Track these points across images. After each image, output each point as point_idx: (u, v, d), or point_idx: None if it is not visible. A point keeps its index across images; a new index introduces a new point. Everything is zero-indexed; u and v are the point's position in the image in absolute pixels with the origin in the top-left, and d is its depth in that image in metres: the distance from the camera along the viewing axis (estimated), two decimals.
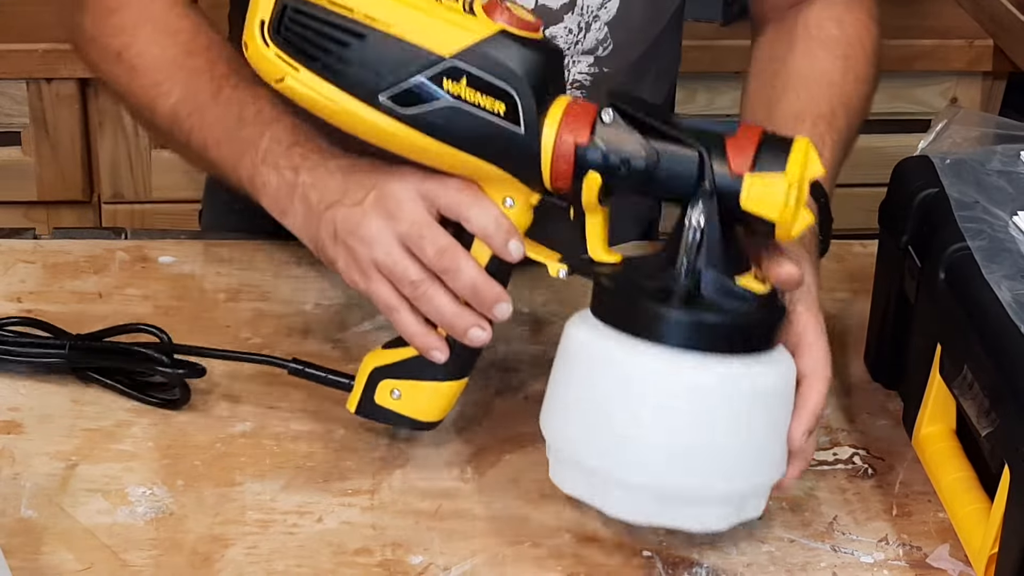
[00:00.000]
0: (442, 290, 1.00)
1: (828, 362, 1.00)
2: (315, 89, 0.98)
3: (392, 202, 1.00)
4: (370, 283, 1.02)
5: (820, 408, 0.99)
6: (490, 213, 0.99)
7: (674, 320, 0.93)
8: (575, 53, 1.26)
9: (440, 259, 0.99)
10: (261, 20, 0.98)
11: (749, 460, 0.96)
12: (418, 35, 0.95)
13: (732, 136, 0.93)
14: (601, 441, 0.95)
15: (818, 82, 1.20)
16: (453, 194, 0.99)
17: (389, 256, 1.00)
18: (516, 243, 0.99)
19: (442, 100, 0.95)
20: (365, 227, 1.01)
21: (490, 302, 1.00)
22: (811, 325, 1.00)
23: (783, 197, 0.92)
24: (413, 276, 1.00)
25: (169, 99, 1.14)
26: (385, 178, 1.01)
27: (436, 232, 1.00)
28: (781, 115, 1.17)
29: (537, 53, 0.96)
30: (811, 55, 1.23)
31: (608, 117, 0.95)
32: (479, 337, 1.01)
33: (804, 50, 1.24)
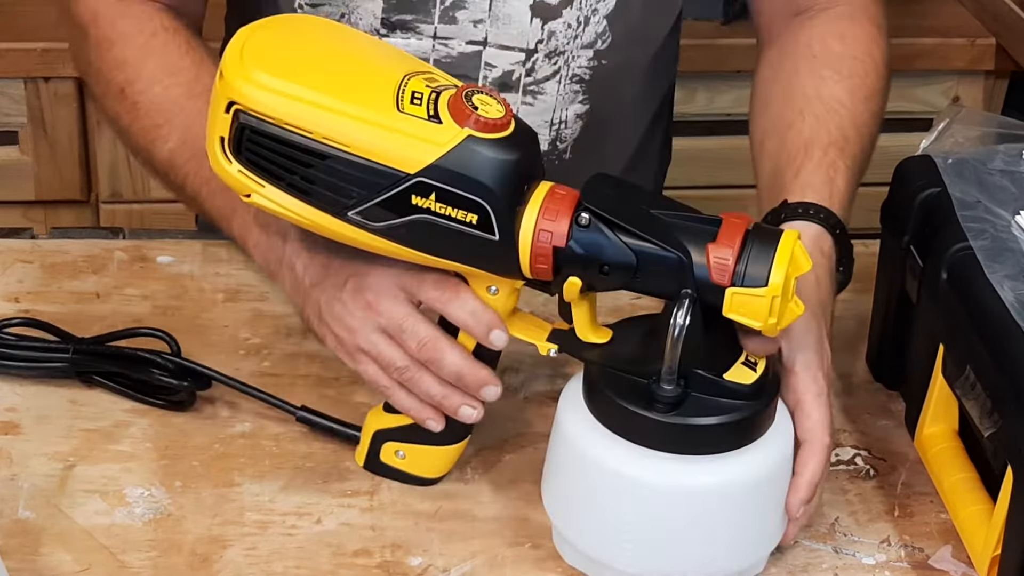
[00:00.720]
0: (428, 375, 1.01)
1: (826, 427, 0.99)
2: (283, 204, 0.95)
3: (371, 294, 1.01)
4: (358, 365, 1.03)
5: (818, 477, 0.98)
6: (467, 308, 0.98)
7: (661, 426, 0.93)
8: (575, 48, 1.26)
9: (422, 351, 1.00)
10: (221, 137, 0.95)
11: (747, 543, 0.98)
12: (380, 154, 0.92)
13: (713, 242, 0.91)
14: (598, 533, 0.97)
15: (826, 106, 1.18)
16: (430, 291, 0.99)
17: (374, 346, 1.01)
18: (498, 332, 0.99)
19: (412, 215, 0.93)
20: (348, 316, 1.02)
21: (476, 387, 1.01)
22: (809, 389, 0.99)
23: (765, 311, 0.91)
24: (399, 363, 1.01)
25: (167, 143, 1.15)
26: (365, 268, 1.01)
27: (417, 324, 1.00)
28: (791, 145, 1.16)
29: (508, 153, 0.92)
30: (817, 76, 1.21)
31: (585, 220, 0.93)
32: (470, 415, 1.02)
33: (809, 71, 1.22)
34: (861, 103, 1.20)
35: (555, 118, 1.30)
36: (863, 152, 1.18)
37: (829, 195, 1.11)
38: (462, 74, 1.26)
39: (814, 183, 1.12)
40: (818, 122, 1.17)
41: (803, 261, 0.92)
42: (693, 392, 0.93)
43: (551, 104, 1.30)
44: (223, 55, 0.95)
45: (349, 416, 1.09)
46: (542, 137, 1.30)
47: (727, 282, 0.91)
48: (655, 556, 0.96)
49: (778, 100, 1.22)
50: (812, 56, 1.23)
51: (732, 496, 0.95)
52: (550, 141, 1.31)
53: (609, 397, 0.94)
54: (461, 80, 0.95)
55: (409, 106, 0.93)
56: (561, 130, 1.31)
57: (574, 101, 1.30)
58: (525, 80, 1.28)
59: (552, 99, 1.29)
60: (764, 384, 0.95)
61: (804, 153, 1.14)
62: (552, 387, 1.15)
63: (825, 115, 1.17)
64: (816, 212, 1.09)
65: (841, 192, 1.11)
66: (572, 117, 1.31)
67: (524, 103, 1.29)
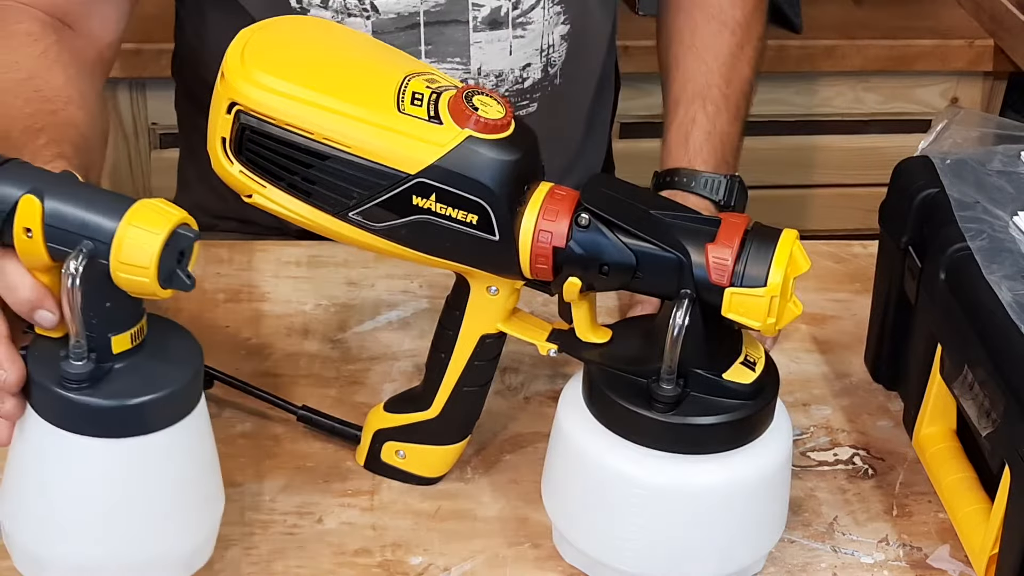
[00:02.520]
0: None
1: None
2: (284, 205, 0.96)
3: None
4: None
5: None
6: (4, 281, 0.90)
7: (661, 426, 0.93)
8: None
9: None
10: (222, 138, 0.96)
11: (746, 542, 0.98)
12: (381, 155, 0.93)
13: (712, 242, 0.91)
14: (598, 533, 0.97)
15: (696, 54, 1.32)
16: None
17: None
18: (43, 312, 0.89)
19: (412, 215, 0.94)
20: None
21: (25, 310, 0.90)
22: None
23: (764, 311, 0.91)
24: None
25: None
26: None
27: None
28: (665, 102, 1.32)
29: (508, 154, 0.93)
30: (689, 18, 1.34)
31: (585, 221, 0.93)
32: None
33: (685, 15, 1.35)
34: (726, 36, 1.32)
35: (543, 44, 1.34)
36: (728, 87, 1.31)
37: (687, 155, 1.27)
38: (452, 20, 1.29)
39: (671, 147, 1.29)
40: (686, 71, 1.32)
41: (802, 261, 0.92)
42: (692, 392, 0.93)
43: (539, 31, 1.33)
44: (224, 56, 0.95)
45: (350, 416, 1.10)
46: (535, 67, 1.34)
47: (726, 282, 0.91)
48: (655, 555, 0.96)
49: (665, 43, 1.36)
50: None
51: (731, 495, 0.95)
52: (542, 68, 1.35)
53: (609, 397, 0.94)
54: (453, 25, 0.94)
55: (410, 107, 0.93)
56: (550, 54, 1.35)
57: (558, 23, 1.34)
58: (513, 14, 1.31)
59: (539, 26, 1.33)
60: (763, 384, 0.95)
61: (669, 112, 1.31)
62: (552, 387, 1.16)
63: (693, 62, 1.32)
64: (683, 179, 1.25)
65: (698, 144, 1.26)
66: (558, 40, 1.35)
67: (516, 36, 1.32)
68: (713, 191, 1.26)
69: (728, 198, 1.26)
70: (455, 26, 1.30)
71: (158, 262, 0.84)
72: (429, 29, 1.30)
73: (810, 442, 1.13)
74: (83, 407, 0.87)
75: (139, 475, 0.89)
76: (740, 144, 1.32)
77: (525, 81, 1.35)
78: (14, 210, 0.86)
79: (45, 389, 0.87)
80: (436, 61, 1.31)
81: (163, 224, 0.84)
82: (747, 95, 1.34)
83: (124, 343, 0.88)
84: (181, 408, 0.89)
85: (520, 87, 1.35)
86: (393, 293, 1.26)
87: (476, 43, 1.31)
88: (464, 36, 1.31)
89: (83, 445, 0.87)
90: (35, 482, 0.90)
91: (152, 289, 0.85)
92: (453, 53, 1.31)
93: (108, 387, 0.87)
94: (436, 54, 1.31)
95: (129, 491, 0.89)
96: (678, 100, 1.31)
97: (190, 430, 0.90)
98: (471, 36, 1.31)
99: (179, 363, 0.90)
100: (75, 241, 0.85)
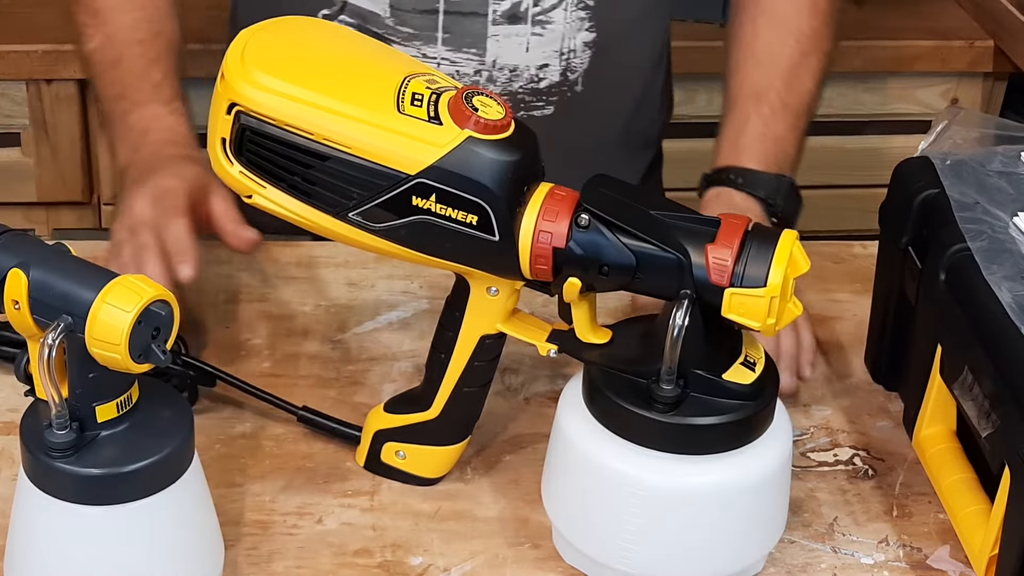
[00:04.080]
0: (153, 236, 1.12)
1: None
2: (284, 206, 0.96)
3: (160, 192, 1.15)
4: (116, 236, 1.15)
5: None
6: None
7: (661, 426, 0.93)
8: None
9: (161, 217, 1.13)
10: (222, 138, 0.96)
11: (746, 543, 0.98)
12: (381, 156, 0.93)
13: (712, 243, 0.92)
14: (597, 533, 0.97)
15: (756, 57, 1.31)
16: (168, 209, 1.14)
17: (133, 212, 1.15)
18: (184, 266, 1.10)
19: (412, 215, 0.94)
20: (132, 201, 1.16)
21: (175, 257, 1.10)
22: None
23: (764, 311, 0.91)
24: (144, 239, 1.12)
25: (91, 43, 1.30)
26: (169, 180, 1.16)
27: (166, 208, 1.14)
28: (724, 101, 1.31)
29: (508, 154, 0.93)
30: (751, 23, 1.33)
31: (584, 221, 0.93)
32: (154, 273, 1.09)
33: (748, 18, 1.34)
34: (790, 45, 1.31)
35: (564, 47, 1.34)
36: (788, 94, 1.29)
37: (735, 153, 1.26)
38: (471, 11, 1.30)
39: (722, 147, 1.28)
40: (745, 75, 1.30)
41: (802, 261, 0.93)
42: (692, 392, 0.93)
43: (559, 32, 1.33)
44: (224, 57, 0.96)
45: (350, 416, 1.10)
46: (554, 68, 1.34)
47: (726, 283, 0.91)
48: (654, 556, 0.96)
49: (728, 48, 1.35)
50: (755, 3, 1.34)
51: (731, 496, 0.95)
52: (561, 72, 1.35)
53: (609, 397, 0.94)
54: (472, 17, 0.94)
55: (409, 107, 0.93)
56: (571, 59, 1.34)
57: (581, 29, 1.34)
58: (533, 10, 1.31)
59: (560, 27, 1.33)
60: (763, 384, 0.95)
61: (724, 115, 1.30)
62: (552, 388, 1.16)
63: (753, 67, 1.30)
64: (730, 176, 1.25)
65: (749, 144, 1.25)
66: (580, 46, 1.34)
67: (534, 34, 1.32)
68: (759, 188, 1.25)
69: (774, 196, 1.25)
70: (474, 17, 1.30)
71: (128, 339, 0.85)
72: (448, 17, 1.30)
73: (810, 442, 1.13)
74: (63, 474, 0.88)
75: (125, 541, 0.90)
76: (797, 153, 1.30)
77: (541, 81, 1.35)
78: (3, 283, 0.88)
79: (33, 455, 0.89)
80: (452, 50, 1.32)
81: (135, 302, 0.85)
82: (807, 105, 1.31)
83: (110, 412, 0.89)
84: (165, 476, 0.90)
85: (535, 86, 1.35)
86: (393, 294, 1.26)
87: (493, 36, 1.31)
88: (482, 28, 1.31)
89: (68, 511, 0.89)
90: (30, 546, 0.91)
91: (125, 364, 0.86)
92: (469, 44, 1.31)
93: (90, 456, 0.88)
94: (452, 43, 1.31)
95: (115, 557, 0.90)
96: (734, 102, 1.30)
97: (176, 497, 0.91)
98: (489, 28, 1.31)
99: (166, 431, 0.90)
100: (57, 314, 0.86)
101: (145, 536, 0.90)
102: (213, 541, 0.95)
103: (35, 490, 0.89)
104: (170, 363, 0.89)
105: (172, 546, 0.92)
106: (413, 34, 1.31)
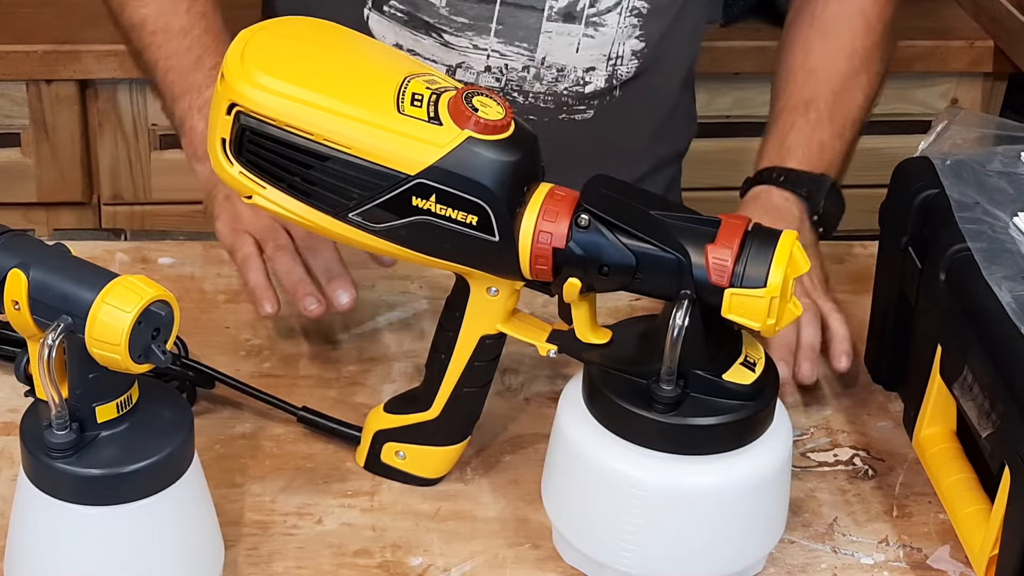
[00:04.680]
0: (299, 259, 1.15)
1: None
2: (283, 206, 0.96)
3: None
4: (238, 235, 1.17)
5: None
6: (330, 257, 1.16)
7: (661, 427, 0.93)
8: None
9: (306, 239, 1.16)
10: (222, 139, 0.96)
11: (746, 543, 0.98)
12: (381, 156, 0.93)
13: (712, 243, 0.92)
14: (597, 534, 0.97)
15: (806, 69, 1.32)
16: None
17: (265, 227, 1.16)
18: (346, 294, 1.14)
19: (412, 216, 0.94)
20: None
21: (335, 286, 1.14)
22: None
23: (764, 312, 0.91)
24: (282, 241, 1.16)
25: (143, 8, 1.28)
26: None
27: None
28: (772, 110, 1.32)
29: (508, 155, 0.93)
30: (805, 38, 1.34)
31: (584, 221, 0.93)
32: (312, 307, 1.13)
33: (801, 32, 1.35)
34: (842, 61, 1.32)
35: (612, 52, 1.34)
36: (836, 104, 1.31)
37: (779, 154, 1.27)
38: (529, 5, 1.31)
39: (766, 149, 1.29)
40: (794, 87, 1.31)
41: (801, 262, 0.92)
42: (692, 392, 0.93)
43: (610, 37, 1.33)
44: (225, 57, 0.96)
45: (350, 417, 1.10)
46: (600, 73, 1.35)
47: (726, 283, 0.91)
48: (654, 556, 0.96)
49: (778, 64, 1.36)
50: (811, 14, 1.35)
51: (731, 496, 0.95)
52: (606, 78, 1.36)
53: (609, 398, 0.94)
54: (528, 11, 0.93)
55: (409, 108, 0.93)
56: (617, 66, 1.35)
57: (631, 36, 1.34)
58: (588, 11, 1.31)
59: (612, 31, 1.33)
60: (763, 384, 0.95)
61: (770, 123, 1.32)
62: (552, 388, 1.16)
63: (803, 80, 1.31)
64: (772, 175, 1.25)
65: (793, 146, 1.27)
66: (628, 54, 1.35)
67: (585, 35, 1.32)
68: (800, 185, 1.25)
69: (816, 195, 1.25)
70: (530, 11, 1.31)
71: (128, 339, 0.85)
72: (504, 8, 1.31)
73: (810, 443, 1.13)
74: (63, 475, 0.88)
75: (125, 541, 0.90)
76: (842, 160, 1.30)
77: (586, 85, 1.35)
78: (3, 284, 0.88)
79: (33, 455, 0.89)
80: (503, 42, 1.32)
81: (135, 302, 0.85)
82: (855, 121, 1.32)
83: (110, 412, 0.89)
84: (165, 477, 0.90)
85: (580, 89, 1.35)
86: (393, 294, 1.26)
87: (546, 32, 1.31)
88: (536, 23, 1.31)
89: (68, 512, 0.89)
90: (30, 546, 0.91)
91: (125, 364, 0.86)
92: (522, 38, 1.32)
93: (90, 456, 0.88)
94: (505, 35, 1.32)
95: (115, 558, 0.90)
96: (782, 109, 1.31)
97: (176, 497, 0.91)
98: (543, 24, 1.31)
99: (166, 432, 0.90)
100: (56, 315, 0.86)
101: (145, 536, 0.90)
102: (213, 541, 0.95)
103: (35, 490, 0.89)
104: (170, 363, 0.89)
105: (172, 546, 0.92)
106: (467, 24, 1.31)
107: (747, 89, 2.12)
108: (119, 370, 0.87)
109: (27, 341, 0.90)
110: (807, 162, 1.26)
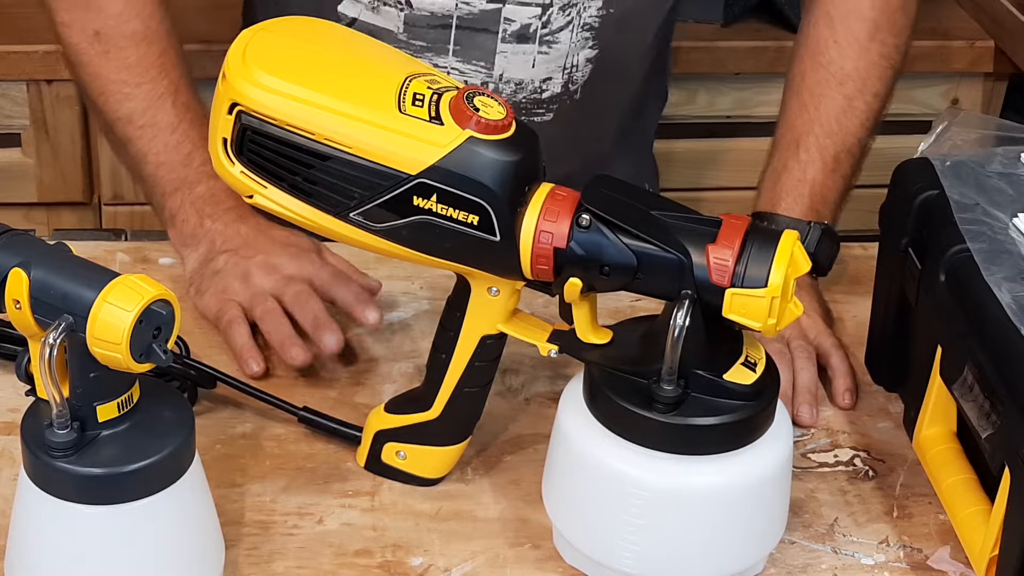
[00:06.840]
0: (286, 319, 1.16)
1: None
2: (284, 205, 0.96)
3: (272, 267, 1.20)
4: (225, 303, 1.18)
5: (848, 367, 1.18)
6: (351, 290, 1.19)
7: (661, 427, 0.93)
8: (586, 0, 1.31)
9: (296, 298, 1.17)
10: (223, 138, 0.96)
11: (747, 543, 0.98)
12: (382, 156, 0.93)
13: (713, 243, 0.92)
14: (598, 534, 0.97)
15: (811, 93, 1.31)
16: (326, 278, 1.20)
17: (255, 294, 1.18)
18: (373, 312, 1.17)
19: (413, 215, 0.94)
20: (249, 272, 1.20)
21: (321, 332, 1.15)
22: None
23: (765, 312, 0.91)
24: (270, 305, 1.17)
25: (129, 102, 1.27)
26: (278, 249, 1.21)
27: (299, 286, 1.18)
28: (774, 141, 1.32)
29: (509, 154, 0.93)
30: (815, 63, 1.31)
31: (585, 221, 0.93)
32: (297, 355, 1.14)
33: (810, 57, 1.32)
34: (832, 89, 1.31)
35: (567, 63, 1.35)
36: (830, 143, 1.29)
37: (772, 199, 1.27)
38: (483, 28, 1.31)
39: (761, 192, 1.29)
40: (789, 118, 1.31)
41: (802, 262, 0.93)
42: (693, 392, 0.94)
43: (564, 51, 1.34)
44: (226, 57, 0.96)
45: (350, 417, 1.10)
46: (556, 80, 1.36)
47: (727, 283, 0.91)
48: (655, 556, 0.96)
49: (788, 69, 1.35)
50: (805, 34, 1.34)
51: (732, 496, 0.96)
52: (563, 84, 1.37)
53: (609, 398, 0.95)
54: (484, 34, 0.94)
55: (411, 107, 0.93)
56: (572, 73, 1.36)
57: (584, 47, 1.35)
58: (541, 32, 1.32)
59: (565, 47, 1.34)
60: (764, 385, 0.95)
61: (767, 157, 1.30)
62: (553, 388, 1.16)
63: (797, 110, 1.30)
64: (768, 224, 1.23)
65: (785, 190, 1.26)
66: (583, 61, 1.36)
67: (540, 52, 1.33)
68: None
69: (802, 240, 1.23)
70: (485, 34, 1.31)
71: (129, 339, 0.85)
72: (460, 32, 1.31)
73: (810, 443, 1.13)
74: (64, 474, 0.88)
75: (125, 541, 0.90)
76: (839, 199, 1.29)
77: (543, 92, 1.36)
78: (4, 283, 0.88)
79: (34, 455, 0.89)
80: (461, 61, 1.33)
81: (136, 301, 0.85)
82: (851, 150, 1.30)
83: (111, 412, 0.89)
84: (166, 476, 0.90)
85: (537, 97, 1.36)
86: (394, 294, 1.26)
87: (502, 52, 1.32)
88: (492, 44, 1.32)
89: (68, 511, 0.89)
90: (30, 546, 0.91)
91: (126, 364, 0.86)
92: (479, 58, 1.33)
93: (91, 456, 0.88)
94: (462, 55, 1.33)
95: (115, 557, 0.90)
96: (777, 145, 1.31)
97: (177, 497, 0.91)
98: (498, 45, 1.32)
99: (167, 431, 0.91)
100: (58, 314, 0.86)
101: (146, 536, 0.90)
102: (213, 541, 0.95)
103: (36, 490, 0.89)
104: (171, 363, 0.89)
105: (172, 546, 0.92)
106: (425, 46, 1.32)
107: (747, 89, 2.12)
108: (120, 369, 0.87)
109: (28, 340, 0.90)
110: (800, 208, 1.26)
